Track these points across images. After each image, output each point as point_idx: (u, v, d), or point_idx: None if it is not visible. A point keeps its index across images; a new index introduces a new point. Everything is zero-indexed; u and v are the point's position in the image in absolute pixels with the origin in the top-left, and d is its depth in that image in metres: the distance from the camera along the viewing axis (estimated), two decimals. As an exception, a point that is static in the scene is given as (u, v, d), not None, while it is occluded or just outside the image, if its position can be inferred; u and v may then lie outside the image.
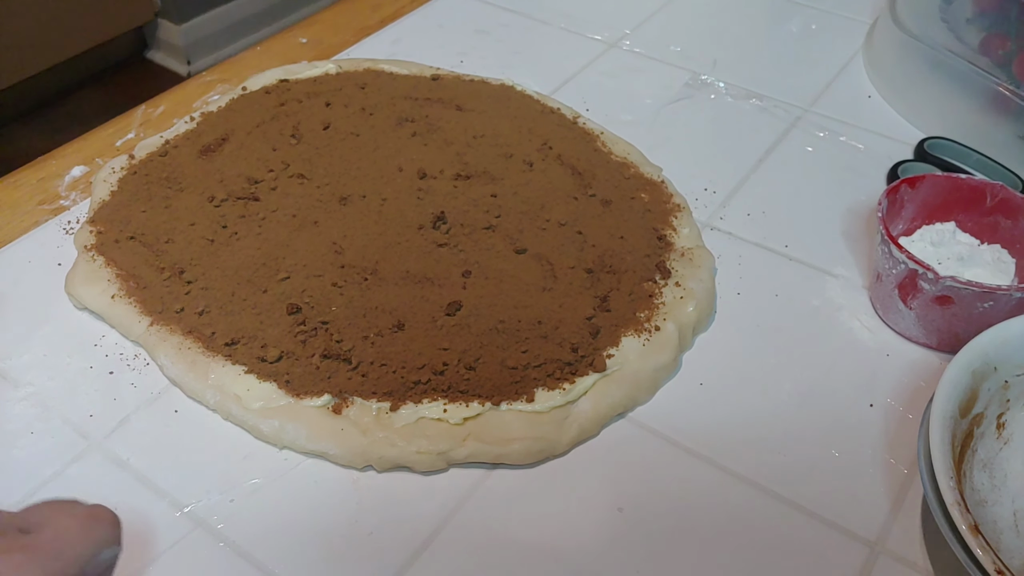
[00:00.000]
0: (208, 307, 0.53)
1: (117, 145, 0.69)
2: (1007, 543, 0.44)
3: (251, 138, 0.65)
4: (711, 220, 0.64)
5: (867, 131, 0.72)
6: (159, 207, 0.60)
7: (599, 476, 0.48)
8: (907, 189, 0.57)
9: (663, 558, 0.44)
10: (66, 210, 0.63)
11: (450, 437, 0.48)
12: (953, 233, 0.57)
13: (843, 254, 0.61)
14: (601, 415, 0.50)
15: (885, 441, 0.50)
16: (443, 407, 0.48)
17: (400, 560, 0.44)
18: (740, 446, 0.49)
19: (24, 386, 0.51)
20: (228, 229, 0.58)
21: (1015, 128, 0.66)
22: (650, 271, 0.57)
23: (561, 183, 0.62)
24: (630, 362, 0.51)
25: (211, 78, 0.76)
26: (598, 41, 0.82)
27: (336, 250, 0.56)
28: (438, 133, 0.66)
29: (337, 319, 0.52)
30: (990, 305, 0.51)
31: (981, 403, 0.47)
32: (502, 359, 0.50)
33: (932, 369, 0.54)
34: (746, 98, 0.75)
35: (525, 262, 0.56)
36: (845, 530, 0.46)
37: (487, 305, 0.53)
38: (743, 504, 0.47)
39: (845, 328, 0.56)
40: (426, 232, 0.58)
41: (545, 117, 0.69)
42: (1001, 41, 0.69)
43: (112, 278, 0.55)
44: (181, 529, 0.45)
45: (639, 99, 0.75)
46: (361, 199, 0.60)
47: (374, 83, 0.71)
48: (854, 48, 0.82)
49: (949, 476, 0.41)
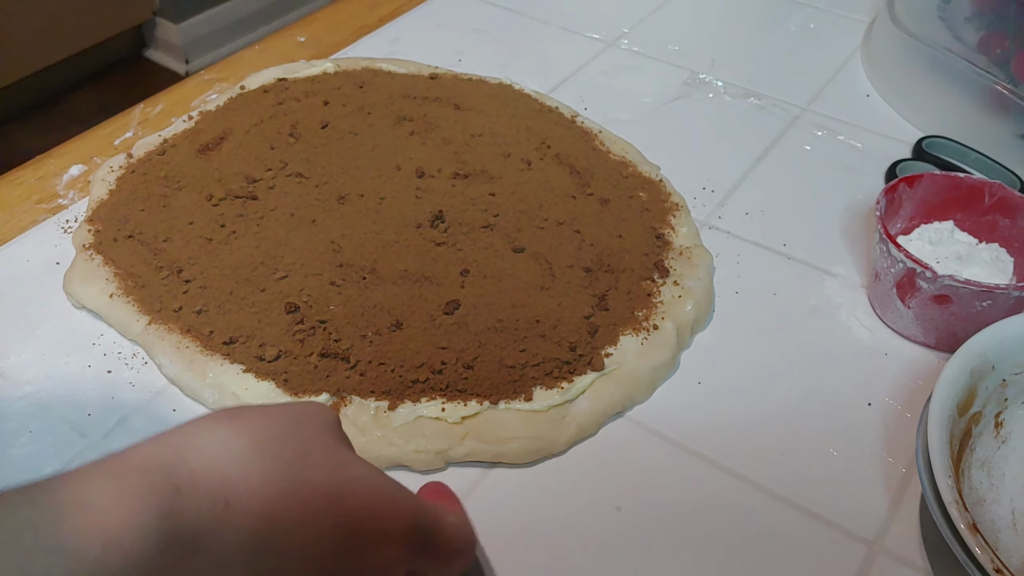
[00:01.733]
0: (206, 306, 0.53)
1: (115, 144, 0.69)
2: (1005, 542, 0.44)
3: (249, 137, 0.65)
4: (709, 219, 0.64)
5: (865, 130, 0.72)
6: (157, 206, 0.60)
7: (597, 475, 0.48)
8: (905, 188, 0.57)
9: (661, 557, 0.44)
10: (64, 209, 0.63)
11: (448, 436, 0.48)
12: (951, 232, 0.57)
13: (841, 253, 0.61)
14: (599, 414, 0.50)
15: (883, 440, 0.50)
16: (441, 406, 0.48)
17: (398, 559, 0.44)
18: (738, 445, 0.49)
19: (22, 385, 0.51)
20: (226, 228, 0.58)
21: (1013, 127, 0.66)
22: (648, 270, 0.57)
23: (559, 182, 0.62)
24: (628, 361, 0.51)
25: (209, 77, 0.76)
26: (596, 40, 0.82)
27: (334, 249, 0.56)
28: (436, 132, 0.66)
29: (335, 318, 0.52)
30: (988, 304, 0.51)
31: (979, 402, 0.47)
32: (500, 358, 0.50)
33: (930, 368, 0.54)
34: (744, 97, 0.75)
35: (523, 261, 0.56)
36: (843, 529, 0.46)
37: (485, 304, 0.53)
38: (741, 503, 0.47)
39: (843, 327, 0.56)
40: (424, 231, 0.58)
41: (543, 116, 0.69)
42: (999, 40, 0.69)
43: (110, 277, 0.55)
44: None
45: (637, 98, 0.75)
46: (359, 198, 0.60)
47: (372, 82, 0.71)
48: (852, 47, 0.82)
49: (947, 475, 0.41)
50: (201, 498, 0.29)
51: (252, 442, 0.31)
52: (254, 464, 0.31)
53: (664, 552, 0.45)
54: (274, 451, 0.32)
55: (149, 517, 0.27)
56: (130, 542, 0.26)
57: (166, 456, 0.29)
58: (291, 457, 0.32)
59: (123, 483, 0.28)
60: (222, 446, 0.31)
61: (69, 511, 0.26)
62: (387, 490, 0.35)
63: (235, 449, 0.31)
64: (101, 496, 0.27)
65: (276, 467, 0.31)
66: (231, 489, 0.30)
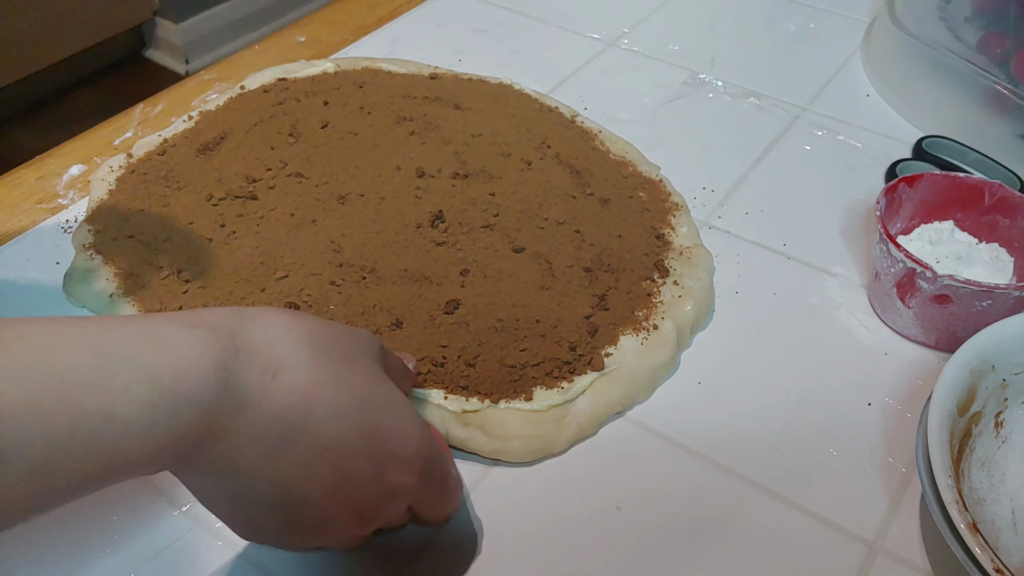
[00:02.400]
0: (206, 306, 0.53)
1: (115, 144, 0.69)
2: (1005, 541, 0.44)
3: (249, 137, 0.65)
4: (709, 219, 0.64)
5: (865, 130, 0.72)
6: (157, 206, 0.60)
7: (597, 475, 0.48)
8: (905, 188, 0.57)
9: (661, 557, 0.44)
10: (64, 209, 0.63)
11: (450, 421, 0.48)
12: (951, 232, 0.57)
13: (841, 253, 0.61)
14: (599, 414, 0.50)
15: (883, 440, 0.50)
16: (443, 395, 0.49)
17: (399, 558, 0.44)
18: (738, 445, 0.49)
19: (22, 385, 0.51)
20: (226, 228, 0.58)
21: (1013, 127, 0.66)
22: (648, 270, 0.57)
23: (559, 182, 0.62)
24: (628, 361, 0.51)
25: (209, 77, 0.76)
26: (596, 40, 0.82)
27: (334, 249, 0.56)
28: (436, 132, 0.66)
29: (336, 318, 0.52)
30: (988, 304, 0.51)
31: (979, 401, 0.47)
32: (500, 358, 0.50)
33: (930, 368, 0.54)
34: (744, 97, 0.75)
35: (523, 261, 0.56)
36: (843, 529, 0.46)
37: (485, 304, 0.53)
38: (741, 503, 0.47)
39: (843, 327, 0.56)
40: (424, 231, 0.58)
41: (543, 116, 0.69)
42: (999, 40, 0.69)
43: (110, 277, 0.55)
44: (179, 528, 0.45)
45: (637, 98, 0.75)
46: (359, 198, 0.60)
47: (372, 82, 0.71)
48: (852, 47, 0.82)
49: (947, 475, 0.41)
50: (255, 363, 0.33)
51: (307, 332, 0.35)
52: (305, 351, 0.35)
53: (664, 552, 0.45)
54: (324, 346, 0.36)
55: (212, 364, 0.32)
56: (195, 380, 0.31)
57: (234, 322, 0.34)
58: (337, 357, 0.36)
59: (196, 332, 0.32)
60: (282, 328, 0.35)
61: (151, 341, 0.31)
62: (412, 415, 0.38)
63: (292, 333, 0.35)
64: (177, 337, 0.32)
65: (323, 359, 0.35)
66: (281, 364, 0.34)
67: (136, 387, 0.29)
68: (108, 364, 0.29)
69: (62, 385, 0.28)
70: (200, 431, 0.31)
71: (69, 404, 0.28)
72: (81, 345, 0.29)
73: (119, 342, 0.30)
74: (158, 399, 0.30)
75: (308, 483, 0.35)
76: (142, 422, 0.29)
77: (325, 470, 0.35)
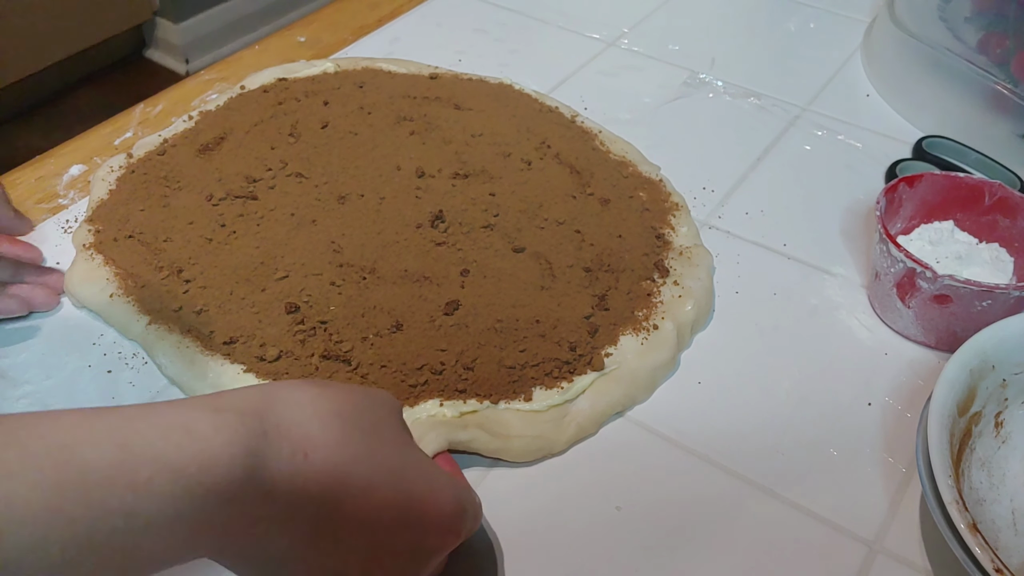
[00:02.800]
0: (206, 306, 0.53)
1: (115, 144, 0.69)
2: (1005, 541, 0.44)
3: (249, 137, 0.65)
4: (709, 219, 0.64)
5: (865, 130, 0.72)
6: (157, 206, 0.60)
7: (597, 475, 0.48)
8: (905, 188, 0.57)
9: (661, 557, 0.44)
10: (64, 209, 0.63)
11: (450, 425, 0.48)
12: (951, 232, 0.57)
13: (841, 253, 0.61)
14: (599, 414, 0.50)
15: (883, 440, 0.50)
16: (439, 403, 0.49)
17: (398, 559, 0.44)
18: (738, 445, 0.49)
19: (22, 385, 0.51)
20: (226, 228, 0.58)
21: (1013, 126, 0.66)
22: (648, 270, 0.57)
23: (559, 182, 0.62)
24: (628, 361, 0.51)
25: (209, 77, 0.76)
26: (596, 40, 0.82)
27: (334, 249, 0.56)
28: (436, 132, 0.66)
29: (336, 319, 0.52)
30: (988, 304, 0.51)
31: (979, 401, 0.47)
32: (500, 358, 0.50)
33: (930, 368, 0.54)
34: (744, 97, 0.75)
35: (523, 261, 0.56)
36: (843, 529, 0.46)
37: (485, 304, 0.53)
38: (741, 503, 0.47)
39: (843, 327, 0.56)
40: (424, 231, 0.58)
41: (543, 116, 0.69)
42: (999, 40, 0.69)
43: (110, 277, 0.55)
44: None
45: (637, 98, 0.75)
46: (359, 198, 0.60)
47: (372, 82, 0.71)
48: (852, 47, 0.82)
49: (947, 475, 0.41)
50: (284, 446, 0.32)
51: (335, 407, 0.35)
52: (335, 427, 0.34)
53: (664, 552, 0.45)
54: (353, 420, 0.35)
55: (240, 451, 0.30)
56: (222, 470, 0.30)
57: (260, 404, 0.33)
58: (367, 428, 0.35)
59: (222, 418, 0.31)
60: (309, 404, 0.34)
61: (175, 432, 0.30)
62: (440, 474, 0.38)
63: (320, 410, 0.34)
64: (202, 425, 0.30)
65: (353, 434, 0.34)
66: (312, 443, 0.33)
67: (160, 480, 0.28)
68: (131, 458, 0.28)
69: (82, 484, 0.27)
70: (228, 521, 0.30)
71: (89, 505, 0.27)
72: (103, 439, 0.28)
73: (142, 434, 0.29)
74: (183, 492, 0.29)
75: (346, 562, 0.34)
76: (166, 516, 0.28)
77: (362, 546, 0.34)
